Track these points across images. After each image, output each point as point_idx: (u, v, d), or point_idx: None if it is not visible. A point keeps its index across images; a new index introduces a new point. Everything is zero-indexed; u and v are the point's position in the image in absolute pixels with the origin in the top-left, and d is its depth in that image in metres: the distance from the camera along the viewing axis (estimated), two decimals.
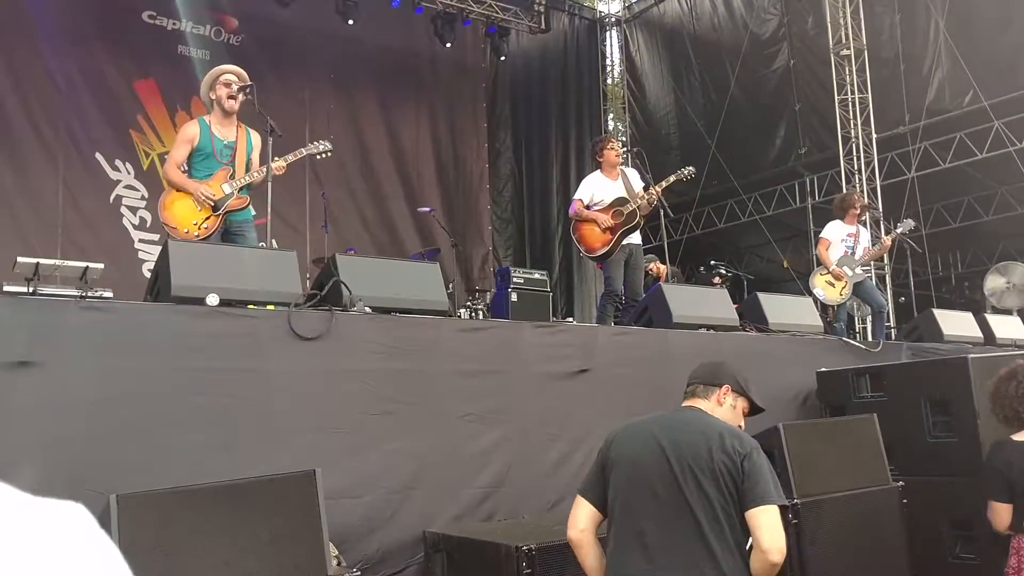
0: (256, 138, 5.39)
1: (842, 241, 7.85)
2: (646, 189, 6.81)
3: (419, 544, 3.65)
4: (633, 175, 7.11)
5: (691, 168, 7.19)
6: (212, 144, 5.16)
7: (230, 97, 5.17)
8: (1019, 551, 3.34)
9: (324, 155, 5.50)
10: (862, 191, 11.04)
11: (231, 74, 5.26)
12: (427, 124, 12.87)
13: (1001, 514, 3.37)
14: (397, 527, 3.62)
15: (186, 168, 5.18)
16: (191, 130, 5.19)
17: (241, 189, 5.15)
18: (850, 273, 7.65)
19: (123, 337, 3.20)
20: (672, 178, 7.02)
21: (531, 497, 4.05)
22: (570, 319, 11.64)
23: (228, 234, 5.07)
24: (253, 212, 5.35)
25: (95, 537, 0.52)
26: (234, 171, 5.18)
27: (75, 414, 3.01)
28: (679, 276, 11.18)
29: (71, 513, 0.53)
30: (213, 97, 5.23)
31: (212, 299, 3.47)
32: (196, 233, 4.91)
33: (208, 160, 5.15)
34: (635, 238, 6.88)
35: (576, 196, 7.04)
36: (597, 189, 6.88)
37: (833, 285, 7.65)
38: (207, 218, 4.99)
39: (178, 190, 5.08)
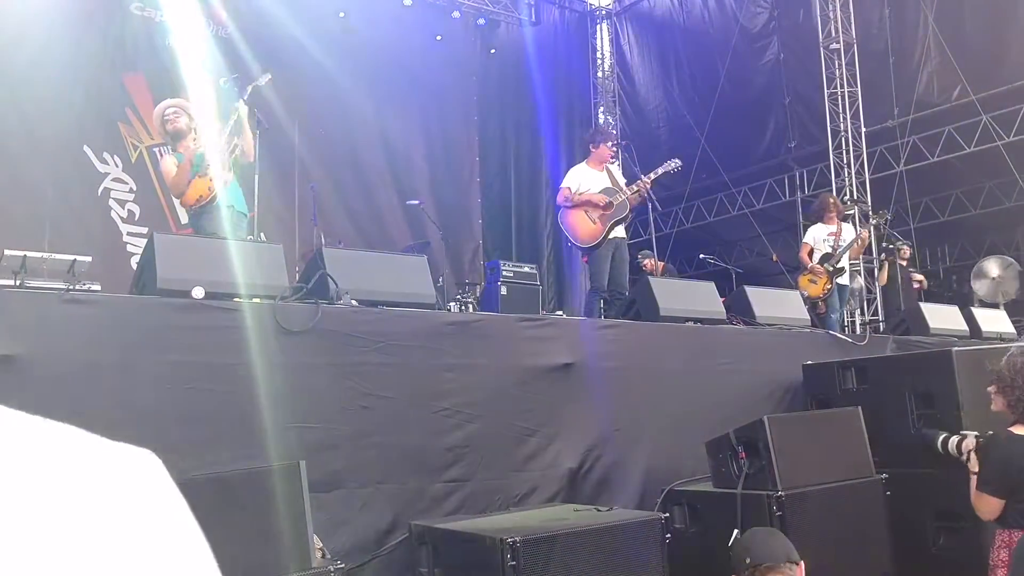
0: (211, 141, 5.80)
1: (824, 241, 8.13)
2: (631, 184, 6.86)
3: (384, 536, 3.67)
4: (615, 169, 7.16)
5: (678, 161, 7.20)
6: (188, 163, 5.56)
7: (167, 120, 5.66)
8: (1010, 545, 3.34)
9: (264, 82, 6.04)
10: (851, 185, 11.10)
11: (168, 106, 5.75)
12: (417, 117, 12.83)
13: (991, 506, 3.37)
14: (363, 521, 3.63)
15: None
16: (169, 163, 5.69)
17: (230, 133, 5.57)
18: (831, 268, 7.86)
19: (107, 330, 3.19)
20: (660, 170, 7.05)
21: (498, 491, 4.06)
22: (559, 312, 11.65)
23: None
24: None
25: (165, 487, 0.49)
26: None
27: (57, 408, 3.00)
28: (673, 272, 11.20)
29: (142, 460, 0.50)
30: (170, 129, 5.70)
31: (197, 292, 3.46)
32: (210, 189, 5.42)
33: (192, 172, 5.53)
34: (620, 231, 6.89)
35: (563, 184, 6.96)
36: (583, 179, 6.87)
37: (815, 282, 7.91)
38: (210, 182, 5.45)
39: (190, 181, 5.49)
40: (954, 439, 3.84)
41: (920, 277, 9.92)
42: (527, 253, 13.13)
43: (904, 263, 9.72)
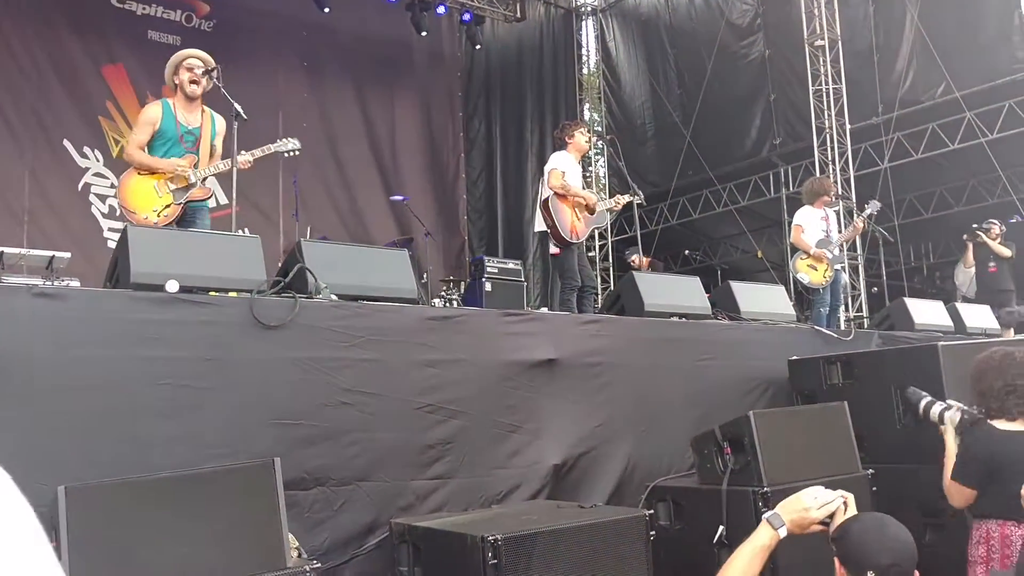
0: (220, 123, 5.29)
1: (816, 225, 7.90)
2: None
3: (365, 535, 3.61)
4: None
5: (640, 196, 7.26)
6: (176, 129, 5.08)
7: (192, 81, 5.10)
8: (988, 540, 3.33)
9: (292, 153, 5.41)
10: (836, 181, 11.09)
11: (195, 58, 5.17)
12: (402, 113, 12.78)
13: (964, 495, 3.40)
14: (343, 518, 3.57)
15: (147, 152, 5.10)
16: (153, 112, 5.11)
17: (204, 180, 5.09)
18: (830, 255, 7.73)
19: (78, 325, 3.11)
20: (624, 199, 7.16)
21: (482, 488, 4.00)
22: (543, 309, 11.61)
23: (181, 220, 5.02)
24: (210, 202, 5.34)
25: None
26: (198, 159, 5.11)
27: (24, 404, 2.92)
28: (660, 268, 11.19)
29: None
30: (176, 81, 5.16)
31: (172, 286, 3.38)
32: (155, 220, 4.87)
33: (171, 146, 5.07)
34: None
35: (555, 166, 6.72)
36: (568, 168, 6.81)
37: (815, 268, 7.72)
38: (167, 206, 4.94)
39: (146, 171, 4.98)
40: (937, 408, 3.74)
41: (1007, 252, 9.73)
42: (512, 249, 13.08)
43: (996, 239, 9.67)
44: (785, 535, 2.28)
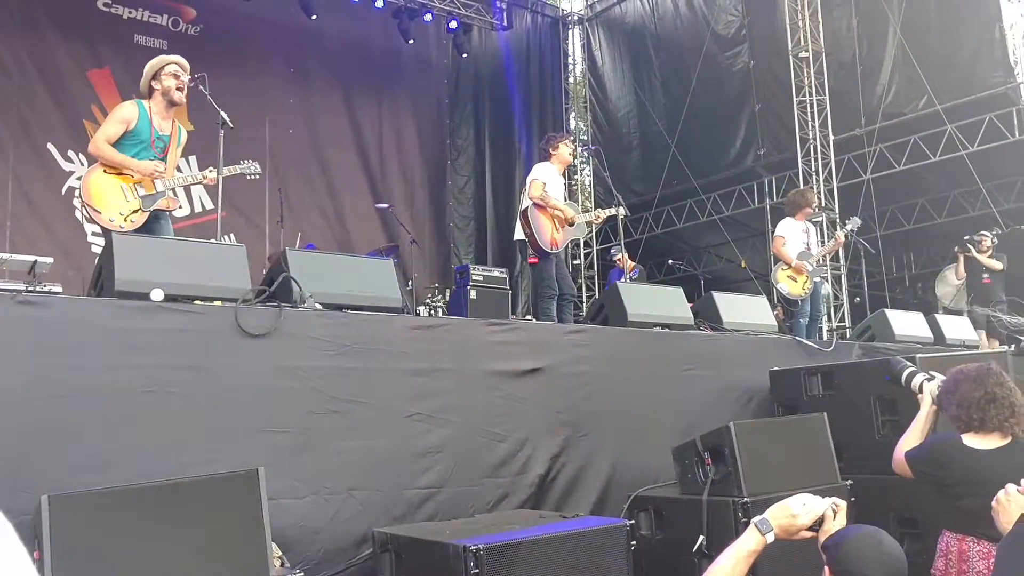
0: (184, 135, 5.25)
1: (797, 237, 8.00)
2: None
3: (359, 545, 3.61)
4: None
5: (625, 211, 7.37)
6: (150, 133, 4.97)
7: (179, 88, 5.03)
8: (947, 554, 3.36)
9: (254, 176, 5.42)
10: (819, 192, 11.19)
11: (177, 64, 5.10)
12: (389, 120, 12.80)
13: (903, 471, 3.51)
14: (337, 528, 3.57)
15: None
16: (128, 111, 4.97)
17: (173, 190, 5.03)
18: (810, 268, 7.84)
19: (62, 333, 3.11)
20: (611, 211, 7.24)
21: (472, 498, 4.02)
22: (529, 317, 11.63)
23: (143, 227, 4.86)
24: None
25: None
26: (165, 168, 5.02)
27: (7, 412, 2.92)
28: (642, 274, 11.25)
29: None
30: (157, 87, 5.05)
31: (156, 294, 3.38)
32: (121, 224, 4.72)
33: (142, 148, 4.94)
34: None
35: (536, 177, 6.84)
36: (550, 180, 6.87)
37: (795, 280, 7.84)
38: (135, 211, 4.81)
39: (113, 170, 4.84)
40: (919, 378, 3.81)
41: (998, 266, 9.78)
42: (500, 258, 13.11)
43: (987, 252, 9.73)
44: (772, 541, 2.30)
